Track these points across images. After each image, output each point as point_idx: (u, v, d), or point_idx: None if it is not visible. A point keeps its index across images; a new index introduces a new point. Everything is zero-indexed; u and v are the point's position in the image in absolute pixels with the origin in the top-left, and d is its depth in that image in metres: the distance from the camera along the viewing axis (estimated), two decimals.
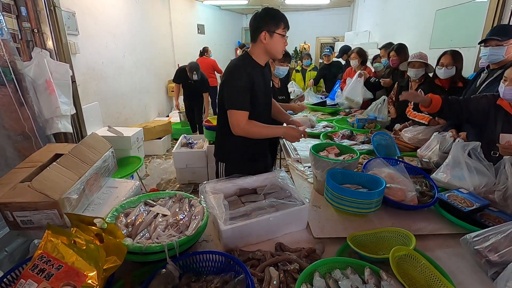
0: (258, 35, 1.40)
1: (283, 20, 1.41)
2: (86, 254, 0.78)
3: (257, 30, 1.40)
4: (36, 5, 2.11)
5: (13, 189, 1.08)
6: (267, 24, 1.38)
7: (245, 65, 1.43)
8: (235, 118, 1.41)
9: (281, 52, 1.46)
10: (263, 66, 1.50)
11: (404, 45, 2.86)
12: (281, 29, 1.40)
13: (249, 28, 1.47)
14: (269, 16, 1.39)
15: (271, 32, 1.38)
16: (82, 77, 3.55)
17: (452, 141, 1.69)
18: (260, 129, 1.45)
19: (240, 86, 1.39)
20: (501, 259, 0.92)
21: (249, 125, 1.42)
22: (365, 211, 1.21)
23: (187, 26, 7.02)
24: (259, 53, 1.46)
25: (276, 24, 1.38)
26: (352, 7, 8.56)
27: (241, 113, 1.40)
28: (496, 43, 1.65)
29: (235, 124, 1.42)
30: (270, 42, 1.40)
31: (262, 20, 1.39)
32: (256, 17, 1.42)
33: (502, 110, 1.44)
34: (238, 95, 1.40)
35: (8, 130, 1.84)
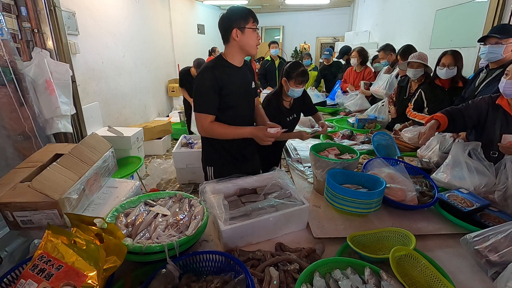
0: (229, 34, 1.38)
1: (251, 14, 1.39)
2: (86, 254, 0.78)
3: (228, 29, 1.38)
4: (36, 5, 2.11)
5: (13, 189, 1.08)
6: (236, 21, 1.36)
7: (214, 67, 1.41)
8: (198, 121, 1.42)
9: (255, 47, 1.43)
10: (238, 66, 1.47)
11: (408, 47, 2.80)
12: (251, 23, 1.38)
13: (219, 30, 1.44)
14: (237, 13, 1.37)
15: (241, 28, 1.36)
16: (82, 77, 3.55)
17: (452, 141, 1.69)
18: (224, 129, 1.42)
19: (204, 89, 1.38)
20: (501, 259, 0.92)
21: (212, 126, 1.41)
22: (365, 211, 1.21)
23: (187, 26, 7.02)
24: (233, 52, 1.44)
25: (245, 19, 1.36)
26: (352, 7, 8.57)
27: (203, 116, 1.40)
28: (496, 41, 1.65)
29: (198, 126, 1.43)
30: (242, 38, 1.38)
31: (231, 19, 1.37)
32: (224, 17, 1.40)
33: (501, 109, 1.44)
34: (202, 97, 1.39)
35: (8, 130, 1.84)
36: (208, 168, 1.64)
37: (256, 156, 1.78)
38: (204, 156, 1.66)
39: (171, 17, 6.17)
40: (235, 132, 1.44)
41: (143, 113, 5.23)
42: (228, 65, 1.45)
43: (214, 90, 1.38)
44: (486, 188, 1.33)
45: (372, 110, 2.78)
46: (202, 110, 1.40)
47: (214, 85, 1.37)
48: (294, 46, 9.81)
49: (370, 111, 2.81)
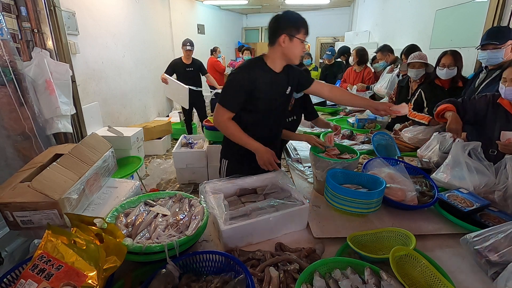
0: (277, 38, 1.35)
1: (304, 26, 1.36)
2: (86, 254, 0.78)
3: (276, 33, 1.35)
4: (36, 5, 2.11)
5: (13, 189, 1.08)
6: (288, 28, 1.33)
7: (252, 67, 1.40)
8: (217, 112, 1.41)
9: (298, 57, 1.40)
10: (276, 72, 1.43)
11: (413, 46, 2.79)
12: (302, 34, 1.34)
13: (268, 30, 1.41)
14: (291, 20, 1.34)
15: (291, 36, 1.33)
16: (82, 77, 3.55)
17: (452, 141, 1.69)
18: (236, 132, 1.41)
19: (234, 85, 1.38)
20: (501, 259, 0.92)
21: (227, 123, 1.40)
22: (365, 211, 1.21)
23: (187, 26, 7.01)
24: (275, 57, 1.40)
25: (297, 28, 1.33)
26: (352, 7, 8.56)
27: (223, 110, 1.39)
28: (494, 46, 1.65)
29: (215, 117, 1.43)
30: (289, 46, 1.34)
31: (283, 23, 1.34)
32: (277, 19, 1.36)
33: (502, 108, 1.44)
34: (229, 93, 1.39)
35: (8, 130, 1.84)
36: (223, 160, 1.65)
37: None
38: (222, 149, 1.68)
39: (171, 17, 6.17)
40: (243, 140, 1.42)
41: (143, 113, 5.23)
42: (266, 69, 1.41)
43: (243, 90, 1.37)
44: (486, 188, 1.33)
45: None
46: (225, 105, 1.39)
47: (245, 86, 1.36)
48: None
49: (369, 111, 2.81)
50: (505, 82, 1.38)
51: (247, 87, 1.37)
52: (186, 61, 4.31)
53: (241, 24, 10.57)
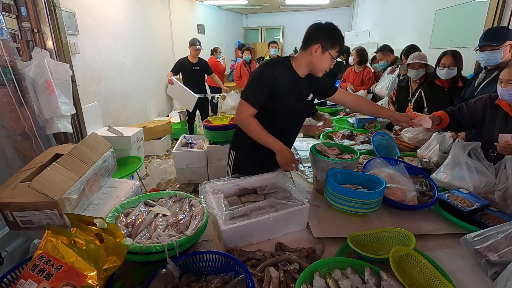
0: (310, 45, 1.33)
1: (340, 44, 1.34)
2: (86, 254, 0.78)
3: (312, 40, 1.33)
4: (36, 5, 2.11)
5: (13, 189, 1.08)
6: (324, 39, 1.31)
7: (277, 64, 1.39)
8: (240, 107, 1.39)
9: (323, 71, 1.39)
10: (301, 77, 1.42)
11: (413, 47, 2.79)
12: (335, 50, 1.33)
13: (305, 33, 1.38)
14: (331, 33, 1.32)
15: (325, 48, 1.31)
16: (82, 77, 3.55)
17: (452, 141, 1.69)
18: (258, 129, 1.38)
19: (259, 82, 1.36)
20: (501, 259, 0.92)
21: (250, 120, 1.38)
22: (365, 211, 1.21)
23: (187, 26, 7.01)
24: (302, 63, 1.39)
25: (332, 44, 1.31)
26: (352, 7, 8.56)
27: (247, 106, 1.36)
28: (492, 48, 1.65)
29: (238, 112, 1.40)
30: (319, 57, 1.33)
31: (323, 33, 1.32)
32: (317, 27, 1.34)
33: (501, 110, 1.44)
34: (253, 88, 1.37)
35: (8, 130, 1.84)
36: (231, 152, 1.65)
37: None
38: (233, 139, 1.68)
39: (171, 17, 6.16)
40: (264, 138, 1.39)
41: (143, 113, 5.23)
42: (290, 70, 1.40)
43: (266, 87, 1.36)
44: (486, 188, 1.33)
45: None
46: (249, 100, 1.36)
47: (269, 82, 1.35)
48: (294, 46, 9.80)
49: None
50: (501, 83, 1.39)
51: (271, 84, 1.35)
52: (193, 60, 4.36)
53: (241, 24, 10.57)
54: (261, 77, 1.37)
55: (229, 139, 1.70)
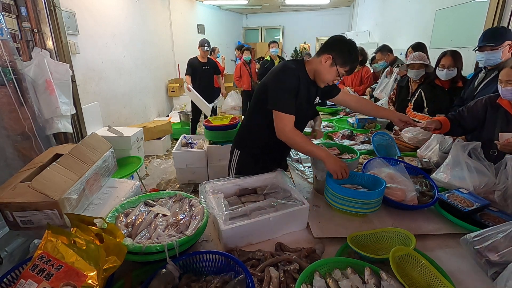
0: (324, 53, 1.32)
1: (352, 65, 1.32)
2: (86, 254, 0.78)
3: (326, 50, 1.32)
4: (36, 5, 2.11)
5: (13, 189, 1.08)
6: (338, 54, 1.29)
7: (298, 69, 1.35)
8: (281, 122, 1.31)
9: (325, 83, 1.39)
10: (312, 80, 1.41)
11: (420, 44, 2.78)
12: (343, 69, 1.31)
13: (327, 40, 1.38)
14: (347, 51, 1.30)
15: (334, 62, 1.30)
16: (82, 77, 3.55)
17: (452, 141, 1.69)
18: (304, 142, 1.32)
19: (290, 88, 1.31)
20: (501, 259, 0.92)
21: (295, 133, 1.32)
22: (365, 211, 1.21)
23: (187, 26, 7.02)
24: (312, 67, 1.38)
25: (343, 60, 1.30)
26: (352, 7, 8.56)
27: (287, 117, 1.30)
28: (491, 48, 1.66)
29: (280, 128, 1.32)
30: (326, 68, 1.32)
31: (339, 47, 1.30)
32: (338, 39, 1.33)
33: (502, 109, 1.44)
34: (286, 96, 1.30)
35: (7, 130, 1.83)
36: (235, 151, 1.62)
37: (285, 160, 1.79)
38: (238, 138, 1.65)
39: (171, 17, 6.17)
40: (311, 148, 1.33)
41: (143, 113, 5.23)
42: (306, 74, 1.39)
43: (295, 92, 1.32)
44: (486, 188, 1.33)
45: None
46: (286, 110, 1.30)
47: (296, 88, 1.32)
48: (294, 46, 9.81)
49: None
50: (501, 83, 1.39)
51: (296, 87, 1.33)
52: (202, 60, 4.39)
53: (241, 24, 10.58)
54: (291, 84, 1.32)
55: (229, 139, 1.70)
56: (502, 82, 1.38)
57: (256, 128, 1.53)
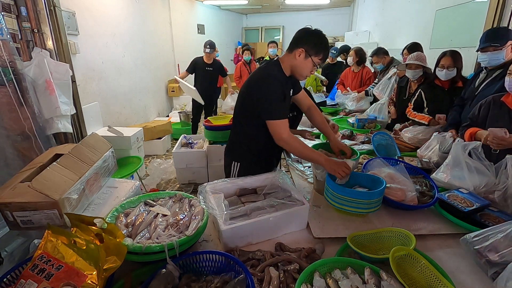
0: (295, 48, 1.35)
1: (325, 52, 1.35)
2: (86, 254, 0.78)
3: (297, 43, 1.35)
4: (36, 5, 2.11)
5: (13, 189, 1.08)
6: (309, 45, 1.32)
7: (277, 72, 1.40)
8: (277, 129, 1.35)
9: (304, 76, 1.42)
10: (287, 76, 1.45)
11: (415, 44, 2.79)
12: (318, 58, 1.35)
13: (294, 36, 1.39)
14: (316, 40, 1.33)
15: (307, 54, 1.33)
16: (82, 77, 3.55)
17: (452, 141, 1.69)
18: (302, 147, 1.36)
19: (277, 95, 1.35)
20: (501, 259, 0.92)
21: (292, 139, 1.36)
22: (365, 211, 1.21)
23: (187, 26, 7.01)
24: (287, 65, 1.41)
25: (316, 50, 1.33)
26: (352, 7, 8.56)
27: (282, 123, 1.35)
28: (494, 48, 1.65)
29: (277, 135, 1.36)
30: (301, 61, 1.35)
31: (308, 38, 1.33)
32: (304, 32, 1.36)
33: (505, 107, 1.44)
34: (276, 104, 1.35)
35: (7, 130, 1.83)
36: (234, 163, 1.61)
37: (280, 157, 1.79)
38: (231, 152, 1.64)
39: (171, 17, 6.16)
40: (310, 154, 1.36)
41: (143, 113, 5.23)
42: (283, 74, 1.42)
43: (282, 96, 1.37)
44: (486, 188, 1.33)
45: (372, 110, 2.78)
46: (279, 117, 1.35)
47: (281, 91, 1.37)
48: None
49: (369, 111, 2.82)
50: (510, 75, 1.40)
51: (283, 93, 1.37)
52: (207, 61, 4.37)
53: (241, 24, 10.57)
54: (277, 90, 1.35)
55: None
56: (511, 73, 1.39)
57: (250, 137, 1.53)
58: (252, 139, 1.54)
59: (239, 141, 1.60)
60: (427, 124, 2.07)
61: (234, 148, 1.64)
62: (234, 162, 1.62)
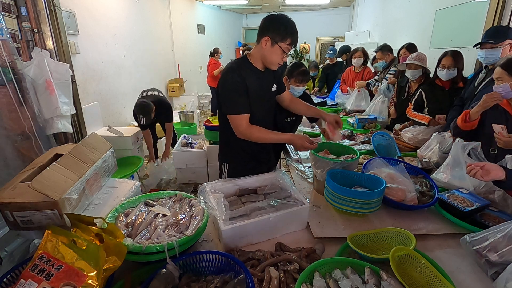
0: (261, 38, 1.34)
1: (292, 36, 1.31)
2: (86, 254, 0.78)
3: (262, 33, 1.33)
4: (36, 5, 2.11)
5: (13, 189, 1.08)
6: (274, 32, 1.29)
7: (239, 67, 1.38)
8: (234, 123, 1.38)
9: (275, 64, 1.39)
10: (261, 70, 1.43)
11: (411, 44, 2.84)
12: (286, 44, 1.31)
13: None
14: (279, 25, 1.30)
15: (273, 41, 1.30)
16: (82, 77, 3.55)
17: (452, 141, 1.69)
18: (263, 134, 1.40)
19: (234, 89, 1.35)
20: (501, 259, 0.92)
21: (251, 129, 1.37)
22: (365, 211, 1.21)
23: (187, 26, 7.01)
24: (257, 57, 1.40)
25: (282, 36, 1.30)
26: (352, 7, 8.56)
27: (239, 117, 1.36)
28: (491, 45, 1.66)
29: (235, 128, 1.39)
30: (269, 50, 1.33)
31: (271, 25, 1.31)
32: (267, 19, 1.33)
33: (501, 108, 1.45)
34: (233, 98, 1.35)
35: (8, 130, 1.83)
36: (224, 165, 1.63)
37: (272, 157, 1.78)
38: (220, 153, 1.66)
39: (171, 17, 6.17)
40: (274, 137, 1.43)
41: None
42: (252, 68, 1.41)
43: (242, 89, 1.35)
44: (486, 188, 1.33)
45: (371, 110, 2.78)
46: (236, 111, 1.35)
47: (243, 85, 1.35)
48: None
49: (369, 110, 2.82)
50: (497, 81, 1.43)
51: (244, 85, 1.35)
52: None
53: (241, 24, 10.57)
54: (233, 84, 1.35)
55: None
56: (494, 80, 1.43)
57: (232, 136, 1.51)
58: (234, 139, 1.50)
59: (225, 141, 1.61)
60: (427, 124, 2.07)
61: (222, 149, 1.66)
62: (223, 164, 1.64)
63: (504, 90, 1.37)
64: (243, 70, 1.37)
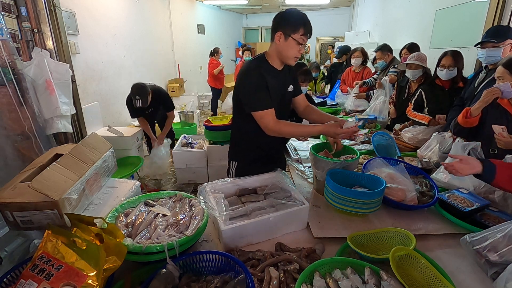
0: (274, 34, 1.33)
1: (304, 26, 1.30)
2: (86, 254, 0.78)
3: (274, 29, 1.33)
4: (36, 5, 2.11)
5: (13, 189, 1.08)
6: (285, 25, 1.30)
7: (259, 66, 1.37)
8: (263, 119, 1.35)
9: (292, 58, 1.36)
10: (278, 70, 1.42)
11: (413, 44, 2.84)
12: (299, 34, 1.29)
13: None
14: (289, 18, 1.30)
15: (286, 34, 1.30)
16: (82, 77, 3.55)
17: (452, 141, 1.69)
18: (293, 128, 1.37)
19: (256, 86, 1.34)
20: (501, 259, 0.92)
21: (279, 124, 1.35)
22: (365, 211, 1.21)
23: (187, 26, 7.02)
24: (273, 55, 1.39)
25: (293, 27, 1.28)
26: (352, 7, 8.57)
27: (266, 113, 1.33)
28: (492, 45, 1.66)
29: (264, 125, 1.36)
30: (283, 44, 1.31)
31: (282, 20, 1.31)
32: (276, 16, 1.34)
33: (501, 108, 1.45)
34: (256, 95, 1.34)
35: (8, 130, 1.83)
36: (232, 162, 1.63)
37: (283, 157, 1.78)
38: (230, 150, 1.66)
39: (171, 17, 6.17)
40: (305, 130, 1.42)
41: None
42: (269, 67, 1.39)
43: (263, 85, 1.34)
44: (486, 188, 1.33)
45: (371, 110, 2.78)
46: (261, 107, 1.33)
47: (264, 82, 1.34)
48: None
49: (369, 110, 2.82)
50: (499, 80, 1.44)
51: (265, 82, 1.34)
52: None
53: (241, 24, 10.58)
54: (255, 81, 1.34)
55: (229, 139, 1.69)
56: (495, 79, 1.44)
57: (244, 134, 1.53)
58: (247, 137, 1.52)
59: (236, 139, 1.61)
60: (427, 124, 2.07)
61: (232, 147, 1.66)
62: (232, 161, 1.64)
63: (505, 89, 1.37)
64: (262, 69, 1.37)
